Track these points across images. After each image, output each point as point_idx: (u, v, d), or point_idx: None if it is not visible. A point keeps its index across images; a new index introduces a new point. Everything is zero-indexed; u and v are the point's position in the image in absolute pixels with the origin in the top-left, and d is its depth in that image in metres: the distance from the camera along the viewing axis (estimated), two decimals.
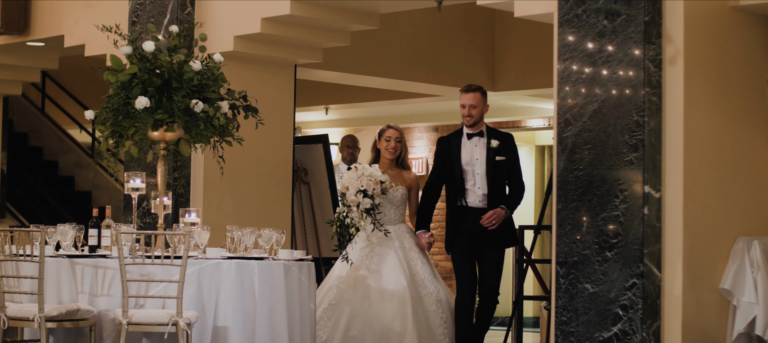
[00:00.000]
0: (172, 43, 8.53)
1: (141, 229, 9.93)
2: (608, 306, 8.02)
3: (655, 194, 7.97)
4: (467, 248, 9.44)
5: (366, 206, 9.24)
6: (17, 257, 7.94)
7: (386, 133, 9.90)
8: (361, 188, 9.25)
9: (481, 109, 9.48)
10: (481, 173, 9.41)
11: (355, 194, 9.25)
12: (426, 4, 10.82)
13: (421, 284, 9.51)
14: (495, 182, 9.42)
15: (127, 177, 8.69)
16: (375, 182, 9.30)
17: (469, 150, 9.48)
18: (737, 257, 8.33)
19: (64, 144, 16.49)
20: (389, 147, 9.86)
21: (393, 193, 9.66)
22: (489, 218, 9.34)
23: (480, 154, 9.46)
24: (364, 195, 9.26)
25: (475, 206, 9.45)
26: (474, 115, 9.46)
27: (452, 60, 13.72)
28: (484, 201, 9.42)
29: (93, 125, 8.88)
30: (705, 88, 8.21)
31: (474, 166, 9.44)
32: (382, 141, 9.89)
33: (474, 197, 9.45)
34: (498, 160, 9.42)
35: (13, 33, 12.51)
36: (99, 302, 7.98)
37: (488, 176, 9.39)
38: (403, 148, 9.94)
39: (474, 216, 9.41)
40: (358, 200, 9.25)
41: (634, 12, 8.00)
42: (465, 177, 9.45)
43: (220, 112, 8.45)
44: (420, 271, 9.57)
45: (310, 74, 13.05)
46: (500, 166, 9.43)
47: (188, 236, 7.74)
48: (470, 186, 9.45)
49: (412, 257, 9.62)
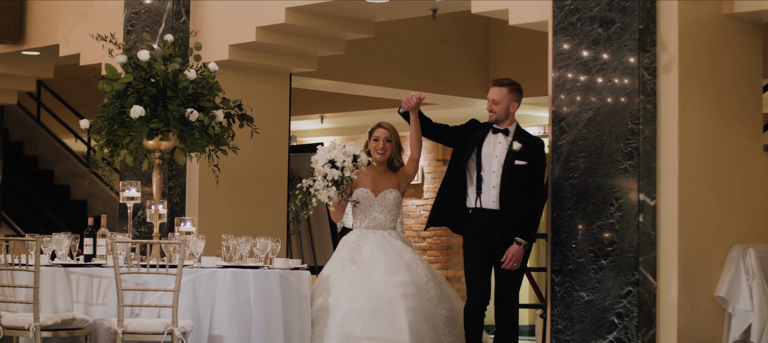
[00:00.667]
0: (167, 52, 8.53)
1: (136, 238, 9.92)
2: (604, 314, 8.02)
3: (650, 201, 7.97)
4: (481, 252, 8.49)
5: (333, 176, 8.45)
6: (12, 266, 7.93)
7: (375, 132, 8.89)
8: (331, 159, 8.49)
9: (505, 106, 8.50)
10: (497, 172, 8.41)
11: (322, 165, 8.50)
12: (421, 13, 10.83)
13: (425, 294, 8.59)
14: (509, 186, 8.38)
15: (122, 186, 8.68)
16: (347, 155, 8.50)
17: (491, 144, 8.53)
18: (732, 265, 8.34)
19: (60, 153, 16.49)
20: (377, 148, 8.82)
21: (384, 196, 8.77)
22: (509, 262, 8.37)
23: (499, 153, 8.48)
24: (331, 165, 8.47)
25: (488, 207, 8.45)
26: (496, 112, 8.52)
27: (447, 68, 13.72)
28: (498, 203, 8.42)
29: (88, 134, 8.88)
30: (700, 96, 8.22)
31: (491, 162, 8.48)
32: (371, 141, 8.88)
33: (487, 197, 8.46)
34: (517, 164, 8.40)
35: (8, 42, 12.51)
36: (94, 311, 7.97)
37: (502, 179, 8.38)
38: (395, 149, 8.89)
39: (489, 222, 8.45)
40: (325, 171, 8.47)
41: (629, 20, 8.01)
42: (482, 171, 8.49)
43: (215, 121, 8.45)
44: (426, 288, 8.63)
45: (305, 83, 13.06)
46: (518, 171, 8.39)
47: (183, 245, 7.74)
48: (485, 181, 8.49)
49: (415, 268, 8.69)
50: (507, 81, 8.59)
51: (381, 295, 8.42)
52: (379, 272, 8.52)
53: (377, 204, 8.75)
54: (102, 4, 11.44)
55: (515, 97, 8.55)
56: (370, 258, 8.61)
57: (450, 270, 16.93)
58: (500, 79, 8.62)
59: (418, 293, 8.50)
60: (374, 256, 8.62)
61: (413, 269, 8.63)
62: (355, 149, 8.57)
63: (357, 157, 8.55)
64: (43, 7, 12.27)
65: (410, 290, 8.46)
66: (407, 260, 8.66)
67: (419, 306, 8.45)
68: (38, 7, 12.32)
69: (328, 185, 8.45)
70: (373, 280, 8.49)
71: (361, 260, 8.61)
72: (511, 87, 8.55)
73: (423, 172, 17.13)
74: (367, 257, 8.61)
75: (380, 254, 8.62)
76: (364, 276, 8.52)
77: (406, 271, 8.57)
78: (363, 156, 8.59)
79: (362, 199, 8.73)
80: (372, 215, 8.75)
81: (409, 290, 8.46)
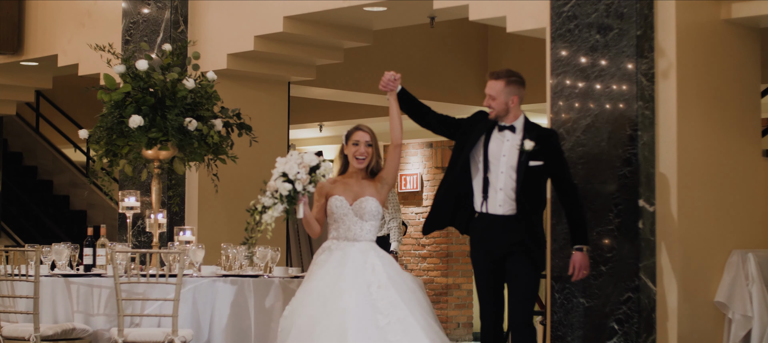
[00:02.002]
0: (166, 61, 8.54)
1: (136, 247, 9.92)
2: (603, 320, 8.02)
3: (649, 207, 7.97)
4: (488, 269, 7.69)
5: (283, 191, 7.31)
6: (12, 276, 7.93)
7: (354, 135, 7.77)
8: (284, 171, 7.37)
9: (503, 101, 7.69)
10: (505, 173, 7.59)
11: (275, 179, 7.38)
12: (419, 21, 10.84)
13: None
14: (525, 190, 7.56)
15: (121, 196, 8.69)
16: (303, 165, 7.37)
17: (497, 142, 7.70)
18: (732, 270, 8.34)
19: (59, 163, 16.49)
20: (358, 153, 7.68)
21: (361, 204, 7.57)
22: (578, 273, 7.65)
23: (508, 152, 7.65)
24: (285, 179, 7.35)
25: (495, 212, 7.63)
26: (493, 108, 7.70)
27: (445, 76, 13.73)
28: (505, 208, 7.59)
29: (87, 144, 8.88)
30: (698, 101, 8.22)
31: (498, 162, 7.64)
32: (350, 145, 7.75)
33: (494, 201, 7.64)
34: (532, 165, 7.57)
35: (6, 53, 12.52)
36: (95, 321, 7.97)
37: (517, 184, 7.54)
38: (375, 155, 7.74)
39: (496, 229, 7.63)
40: (277, 186, 7.35)
41: (627, 26, 8.01)
42: (488, 172, 7.66)
43: (213, 130, 8.45)
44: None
45: (303, 91, 13.06)
46: (534, 174, 7.59)
47: (183, 254, 7.74)
48: (492, 183, 7.64)
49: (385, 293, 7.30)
50: (504, 73, 7.77)
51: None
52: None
53: (352, 214, 7.57)
54: (100, 15, 11.45)
55: (514, 90, 7.72)
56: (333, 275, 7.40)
57: (450, 277, 16.93)
58: (497, 72, 7.82)
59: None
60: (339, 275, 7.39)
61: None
62: (315, 160, 7.46)
63: (316, 168, 7.43)
64: (41, 18, 12.27)
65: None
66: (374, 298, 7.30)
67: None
68: (36, 18, 12.33)
69: (275, 203, 7.34)
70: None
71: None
72: (509, 79, 7.73)
73: (422, 179, 17.14)
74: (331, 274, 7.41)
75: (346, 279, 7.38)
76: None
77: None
78: (325, 167, 7.48)
79: (336, 208, 7.57)
80: (346, 226, 7.56)
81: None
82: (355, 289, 7.28)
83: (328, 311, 7.17)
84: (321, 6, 9.99)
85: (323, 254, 7.55)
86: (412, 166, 17.38)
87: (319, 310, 7.20)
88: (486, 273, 7.67)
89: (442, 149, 16.91)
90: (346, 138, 7.80)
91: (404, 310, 7.23)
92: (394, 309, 7.22)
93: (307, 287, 7.38)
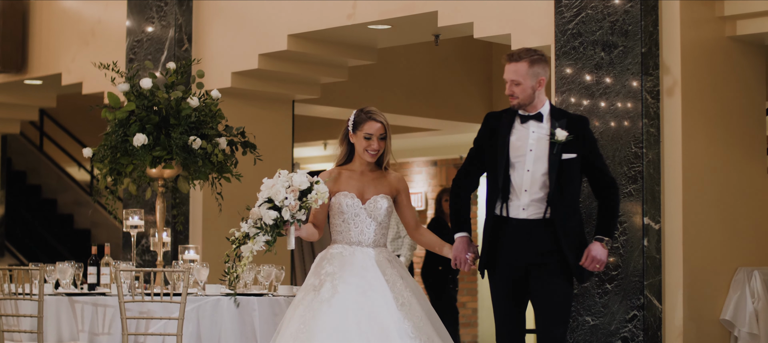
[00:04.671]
0: (170, 79, 8.54)
1: (140, 266, 9.90)
2: (609, 339, 7.99)
3: (655, 225, 7.95)
4: (508, 284, 6.76)
5: (267, 220, 6.50)
6: (16, 295, 7.91)
7: (366, 126, 6.92)
8: (269, 196, 6.54)
9: (529, 85, 6.71)
10: (532, 171, 6.63)
11: (259, 205, 6.58)
12: (423, 39, 10.84)
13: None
14: (558, 188, 6.61)
15: (125, 214, 8.67)
16: (291, 189, 6.50)
17: (521, 136, 6.72)
18: (738, 288, 8.32)
19: (63, 182, 16.49)
20: (370, 148, 6.89)
21: (375, 203, 6.83)
22: (591, 264, 6.66)
23: (535, 145, 6.68)
24: (270, 206, 6.54)
25: (517, 216, 6.68)
26: (518, 96, 6.72)
27: (450, 94, 13.73)
28: (530, 211, 6.67)
29: (91, 163, 8.87)
30: (703, 119, 8.21)
31: (524, 159, 6.66)
32: (359, 137, 6.94)
33: (517, 204, 6.67)
34: (566, 158, 6.63)
35: (10, 71, 12.53)
36: (99, 340, 7.95)
37: (551, 180, 6.61)
38: (388, 147, 6.93)
39: (516, 235, 6.70)
40: (261, 213, 6.55)
41: (631, 43, 8.01)
42: (511, 172, 6.67)
43: (218, 149, 8.45)
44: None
45: (308, 109, 13.06)
46: (569, 168, 6.65)
47: (187, 272, 7.72)
48: (516, 186, 6.67)
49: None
50: (525, 52, 6.75)
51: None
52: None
53: (365, 214, 6.85)
54: (104, 33, 11.46)
55: (539, 70, 6.72)
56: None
57: None
58: (516, 52, 6.79)
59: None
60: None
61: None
62: (306, 182, 6.54)
63: (307, 193, 6.54)
64: (45, 37, 12.29)
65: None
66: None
67: None
68: (40, 37, 12.34)
69: (257, 233, 6.54)
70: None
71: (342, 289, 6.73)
72: (532, 58, 6.72)
73: (426, 198, 17.12)
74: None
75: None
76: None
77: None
78: (318, 190, 6.56)
79: (347, 207, 6.84)
80: (359, 228, 6.85)
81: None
82: (388, 308, 6.59)
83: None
84: (325, 24, 9.99)
85: (334, 262, 6.84)
86: (417, 185, 17.36)
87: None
88: (506, 288, 6.74)
89: (447, 168, 16.89)
90: (354, 127, 6.99)
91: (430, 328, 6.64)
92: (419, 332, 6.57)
93: (327, 314, 6.63)
